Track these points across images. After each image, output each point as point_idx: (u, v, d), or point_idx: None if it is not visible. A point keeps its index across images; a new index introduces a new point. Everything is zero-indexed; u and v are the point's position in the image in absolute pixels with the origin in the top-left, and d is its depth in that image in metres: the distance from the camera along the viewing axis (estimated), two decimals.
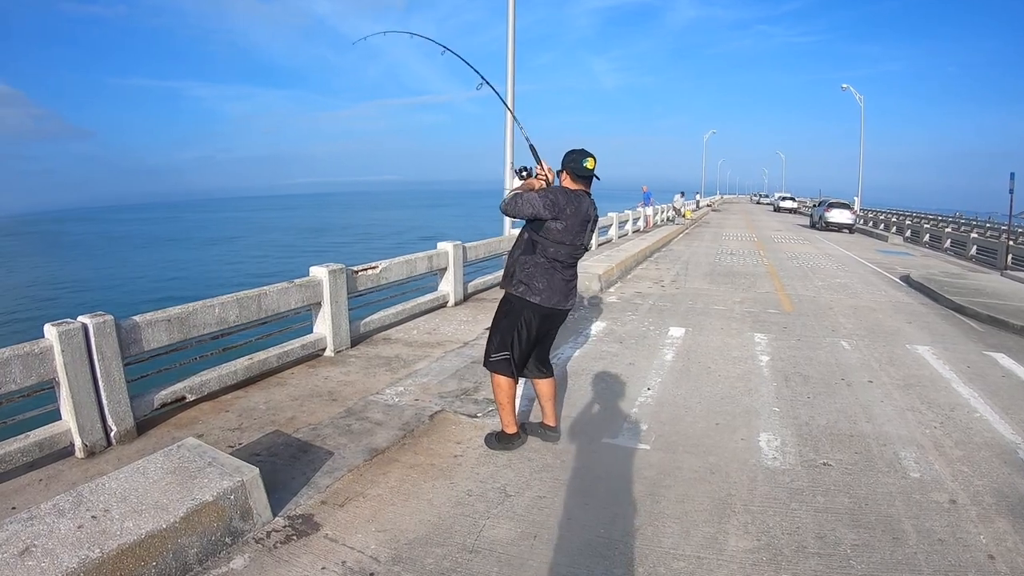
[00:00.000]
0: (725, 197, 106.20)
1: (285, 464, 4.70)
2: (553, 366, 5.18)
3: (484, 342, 7.86)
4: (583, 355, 7.66)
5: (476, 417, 5.64)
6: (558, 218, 4.50)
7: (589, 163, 4.65)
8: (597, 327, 9.17)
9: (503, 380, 4.82)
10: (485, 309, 10.38)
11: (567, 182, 4.74)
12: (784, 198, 67.17)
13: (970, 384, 6.80)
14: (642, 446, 5.06)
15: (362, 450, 4.93)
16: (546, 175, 4.87)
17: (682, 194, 41.14)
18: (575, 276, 4.89)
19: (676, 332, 8.93)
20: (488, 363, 4.89)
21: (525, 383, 5.69)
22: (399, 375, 6.73)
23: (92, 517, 3.32)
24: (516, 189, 4.68)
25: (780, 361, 7.52)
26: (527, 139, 5.26)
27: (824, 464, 4.78)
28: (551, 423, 5.18)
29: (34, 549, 3.04)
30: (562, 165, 4.73)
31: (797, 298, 12.10)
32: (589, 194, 4.79)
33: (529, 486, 4.37)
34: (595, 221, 4.79)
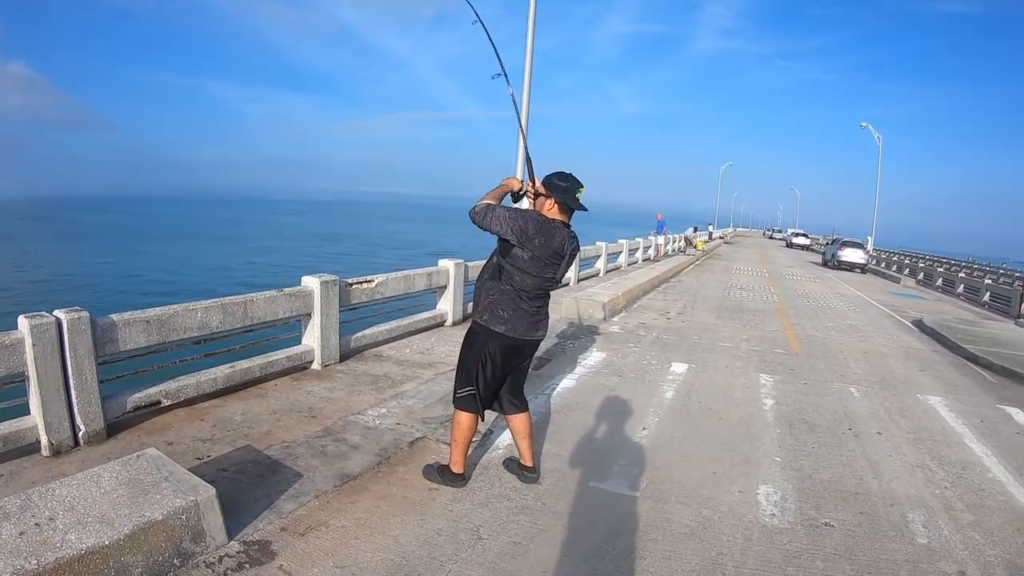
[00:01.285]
0: (738, 230, 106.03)
1: (251, 483, 4.49)
2: (547, 396, 4.93)
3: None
4: (579, 387, 7.42)
5: None
6: (523, 246, 4.21)
7: (580, 194, 4.36)
8: (596, 358, 8.92)
9: (464, 417, 4.54)
10: None
11: (551, 210, 4.38)
12: (797, 234, 67.04)
13: (983, 440, 6.51)
14: (632, 493, 4.78)
15: (333, 475, 4.71)
16: (533, 192, 4.49)
17: (695, 229, 41.01)
18: (545, 306, 4.59)
19: (678, 368, 8.67)
20: (455, 399, 4.60)
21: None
22: (384, 395, 6.51)
23: (36, 524, 3.15)
24: (489, 196, 4.40)
25: (785, 406, 7.24)
26: (526, 151, 4.93)
27: (826, 524, 4.48)
28: (528, 463, 4.90)
29: None
30: (546, 190, 4.36)
31: (806, 338, 11.83)
32: (568, 225, 4.46)
33: (505, 529, 4.11)
34: (572, 255, 4.47)
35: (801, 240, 63.77)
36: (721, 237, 60.71)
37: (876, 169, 45.16)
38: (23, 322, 4.61)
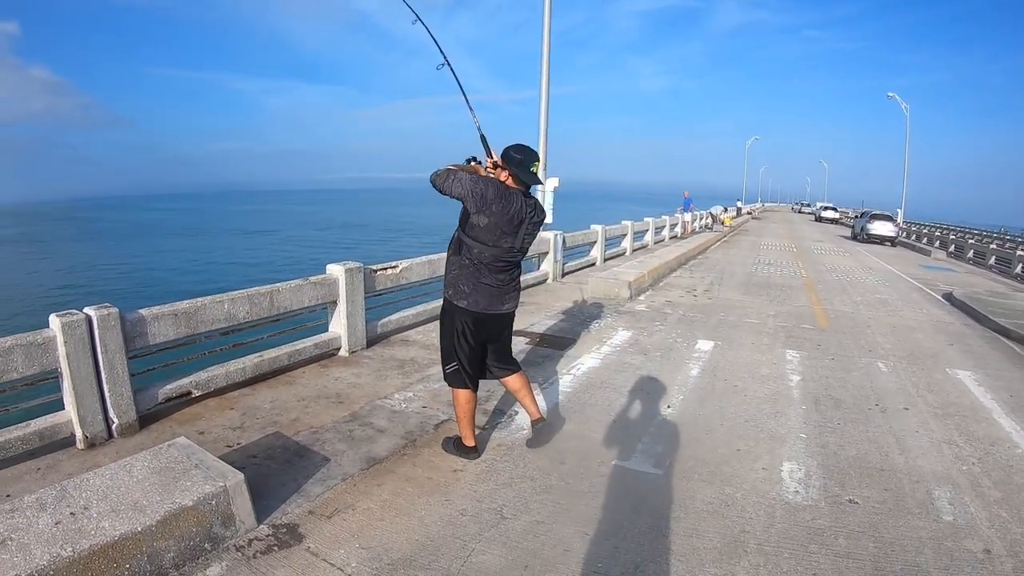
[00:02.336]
0: (766, 205, 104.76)
1: (279, 468, 4.59)
2: (572, 376, 4.94)
3: None
4: (604, 366, 7.44)
5: (483, 429, 5.44)
6: (482, 211, 4.24)
7: (535, 168, 4.40)
8: (622, 336, 8.94)
9: (459, 393, 4.68)
10: None
11: (507, 180, 4.42)
12: (826, 208, 66.09)
13: (1013, 416, 6.40)
14: (655, 471, 4.80)
15: (360, 458, 4.80)
16: (495, 172, 4.51)
17: (724, 209, 40.75)
18: (512, 280, 4.62)
19: (704, 345, 8.66)
20: (444, 376, 4.76)
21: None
22: (411, 379, 6.59)
23: (71, 514, 3.26)
24: (452, 165, 4.39)
25: (811, 382, 7.20)
26: (479, 129, 4.84)
27: (850, 501, 4.45)
28: (534, 415, 5.02)
29: (9, 543, 3.00)
30: (503, 161, 4.42)
31: (834, 313, 11.73)
32: (527, 194, 4.49)
33: (528, 509, 4.16)
34: (534, 223, 4.49)
35: (830, 214, 62.93)
36: (749, 213, 60.19)
37: (904, 140, 44.55)
38: (54, 320, 4.72)
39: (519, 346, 8.09)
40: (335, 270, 7.38)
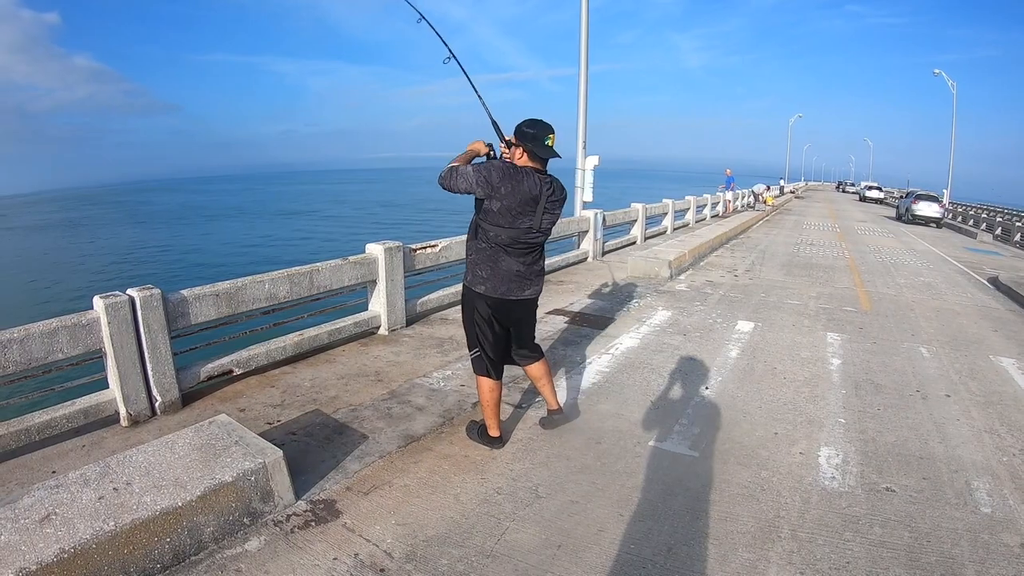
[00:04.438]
0: (809, 184, 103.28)
1: (318, 445, 4.66)
2: (610, 355, 4.90)
3: (543, 325, 7.75)
4: (643, 346, 7.41)
5: (520, 407, 5.48)
6: (492, 197, 4.12)
7: (550, 141, 4.23)
8: (662, 316, 8.90)
9: (483, 381, 4.60)
10: (548, 291, 10.19)
11: (521, 159, 4.28)
12: (870, 187, 64.73)
13: None
14: (691, 453, 4.77)
15: (398, 436, 4.85)
16: (508, 152, 4.39)
17: (767, 187, 40.28)
18: (535, 263, 4.46)
19: (744, 327, 8.59)
20: (471, 361, 4.68)
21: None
22: (449, 358, 6.63)
23: (114, 489, 3.34)
24: (455, 161, 4.29)
25: (852, 366, 7.09)
26: (490, 115, 4.67)
27: (887, 489, 4.37)
28: (552, 406, 5.02)
29: (54, 517, 3.09)
30: (516, 139, 4.27)
31: (877, 296, 11.54)
32: (543, 172, 4.31)
33: (563, 488, 4.17)
34: (553, 202, 4.32)
35: (874, 193, 61.64)
36: (792, 192, 59.44)
37: (951, 118, 43.60)
38: (98, 302, 4.81)
39: (558, 325, 8.13)
40: (375, 249, 7.43)
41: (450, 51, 5.11)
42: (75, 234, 53.14)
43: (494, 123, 4.65)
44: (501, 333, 4.55)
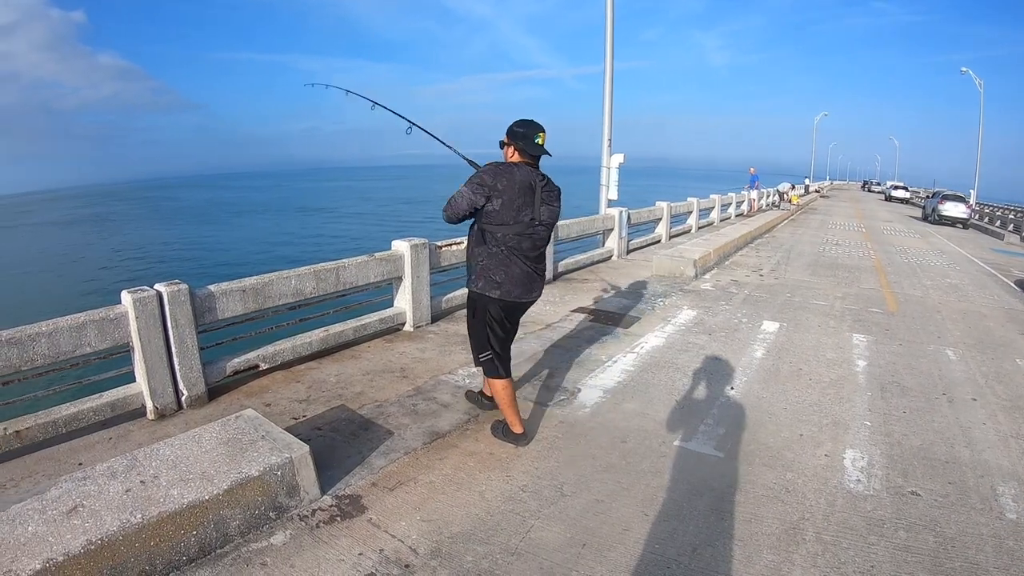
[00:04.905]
0: (834, 183, 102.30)
1: (344, 441, 4.67)
2: (635, 354, 4.86)
3: (569, 324, 7.72)
4: (668, 345, 7.37)
5: (547, 405, 5.46)
6: (492, 197, 4.23)
7: (540, 139, 4.37)
8: (686, 316, 8.85)
9: (496, 383, 4.66)
10: (573, 290, 10.25)
11: (512, 157, 4.45)
12: (896, 187, 63.98)
13: None
14: (716, 453, 4.74)
15: (423, 432, 4.85)
16: (503, 151, 4.58)
17: (792, 186, 39.99)
18: (539, 265, 4.56)
19: (770, 327, 8.53)
20: (477, 362, 4.74)
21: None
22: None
23: (141, 482, 3.36)
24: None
25: (878, 368, 7.01)
26: (463, 157, 4.96)
27: (912, 493, 4.31)
28: (490, 394, 5.12)
29: (81, 509, 3.11)
30: (508, 138, 4.44)
31: (903, 297, 11.42)
32: (535, 167, 4.45)
33: (588, 487, 4.15)
34: (547, 192, 4.43)
35: (900, 193, 60.96)
36: (817, 191, 59.00)
37: (978, 117, 43.02)
38: (126, 297, 4.85)
39: (582, 323, 8.14)
40: (400, 246, 7.43)
41: (410, 122, 5.51)
42: (101, 230, 53.66)
43: (468, 161, 4.86)
44: (510, 333, 4.70)
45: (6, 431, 4.36)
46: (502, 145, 4.51)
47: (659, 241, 17.23)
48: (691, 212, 20.65)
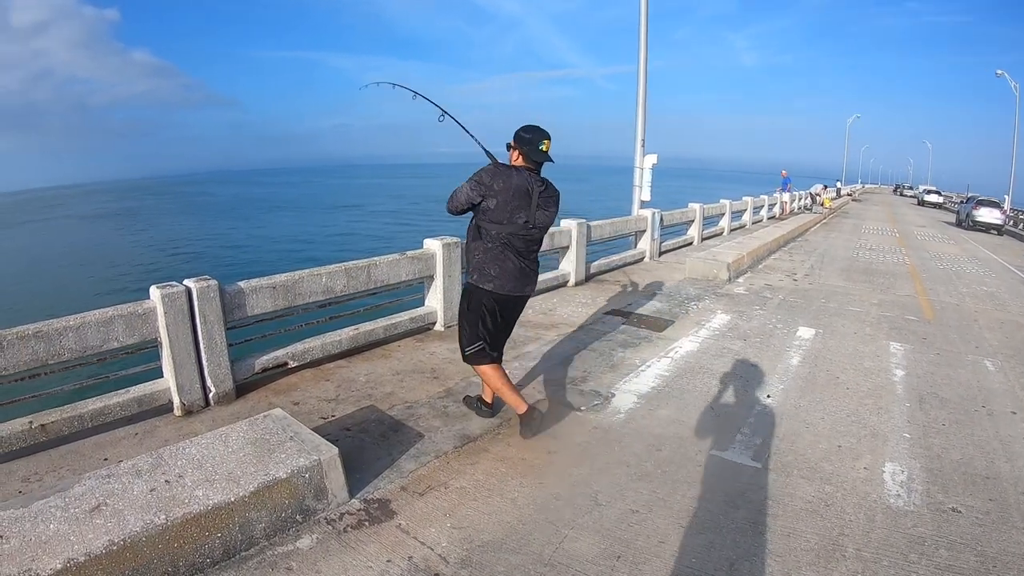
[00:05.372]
0: (866, 186, 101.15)
1: (373, 442, 4.59)
2: (670, 359, 4.76)
3: (601, 326, 7.65)
4: (702, 351, 7.23)
5: (580, 411, 5.34)
6: (488, 196, 4.35)
7: (545, 146, 4.42)
8: (720, 320, 8.70)
9: (487, 368, 4.69)
10: (605, 291, 10.13)
11: (517, 161, 4.52)
12: (929, 191, 63.12)
13: None
14: (753, 464, 4.60)
15: (454, 435, 4.76)
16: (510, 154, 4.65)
17: (824, 187, 39.58)
18: (532, 262, 4.67)
19: (805, 333, 8.34)
20: (465, 358, 4.74)
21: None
22: (507, 356, 6.47)
23: (166, 481, 3.30)
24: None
25: (916, 378, 6.80)
26: (483, 148, 4.83)
27: (953, 510, 4.13)
28: (489, 400, 5.12)
29: (104, 508, 3.06)
30: (515, 143, 4.51)
31: (939, 305, 11.13)
32: (536, 172, 4.51)
33: (623, 496, 4.03)
34: (547, 198, 4.50)
35: (933, 198, 60.14)
36: (849, 194, 58.37)
37: (1013, 121, 42.25)
38: (155, 292, 4.82)
39: (616, 326, 8.02)
40: (432, 245, 7.37)
41: (442, 110, 5.34)
42: (132, 224, 54.14)
43: (487, 152, 4.77)
44: (502, 326, 4.75)
45: (32, 424, 4.34)
46: (509, 148, 4.57)
47: (691, 243, 17.07)
48: (723, 214, 20.49)
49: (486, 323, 4.60)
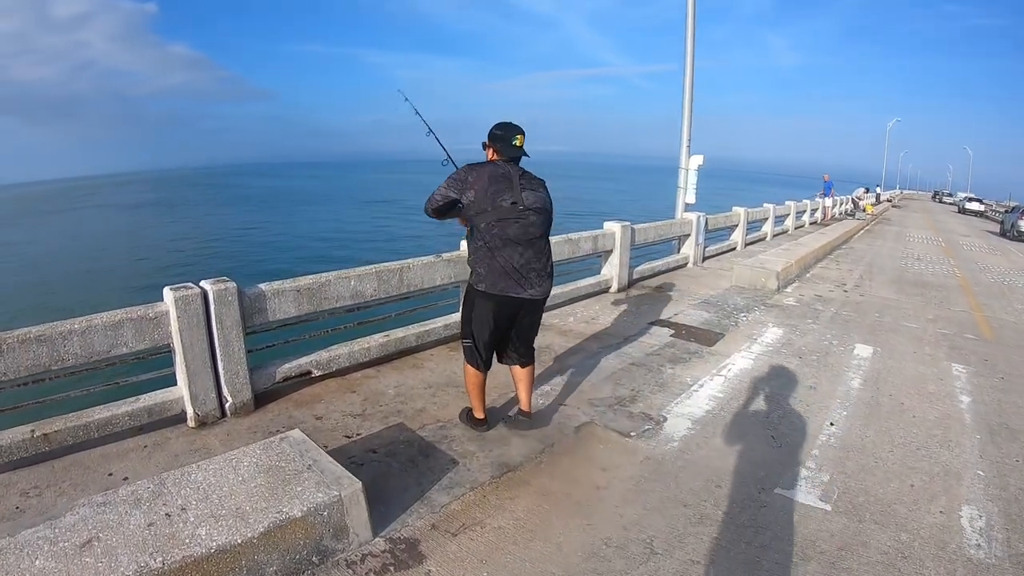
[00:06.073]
0: (904, 192, 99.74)
1: (401, 468, 4.18)
2: (723, 378, 4.32)
3: (648, 338, 7.23)
4: (756, 368, 6.75)
5: (629, 436, 4.88)
6: (465, 191, 4.27)
7: (518, 141, 4.39)
8: (773, 334, 8.21)
9: (468, 369, 4.64)
10: (649, 299, 9.70)
11: (492, 159, 4.47)
12: (970, 199, 62.04)
13: None
14: (822, 506, 4.11)
15: (491, 463, 4.32)
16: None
17: (866, 190, 38.85)
18: (535, 260, 4.38)
19: (863, 351, 7.82)
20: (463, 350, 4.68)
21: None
22: (546, 369, 6.11)
23: (166, 515, 2.94)
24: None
25: (983, 405, 6.26)
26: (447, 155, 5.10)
27: None
28: (525, 408, 4.91)
29: (96, 543, 2.75)
30: (488, 141, 4.47)
31: (996, 322, 10.48)
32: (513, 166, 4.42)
33: (682, 542, 3.56)
34: (527, 179, 4.40)
35: (974, 206, 59.04)
36: (888, 200, 57.46)
37: None
38: (168, 294, 4.51)
39: (663, 338, 7.56)
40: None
41: (428, 127, 5.69)
42: (165, 214, 54.37)
43: (449, 158, 5.16)
44: (497, 335, 4.57)
45: (34, 433, 4.07)
46: (484, 147, 4.54)
47: (734, 248, 16.59)
48: (766, 219, 20.00)
49: (477, 326, 4.47)
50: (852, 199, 35.93)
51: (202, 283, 4.68)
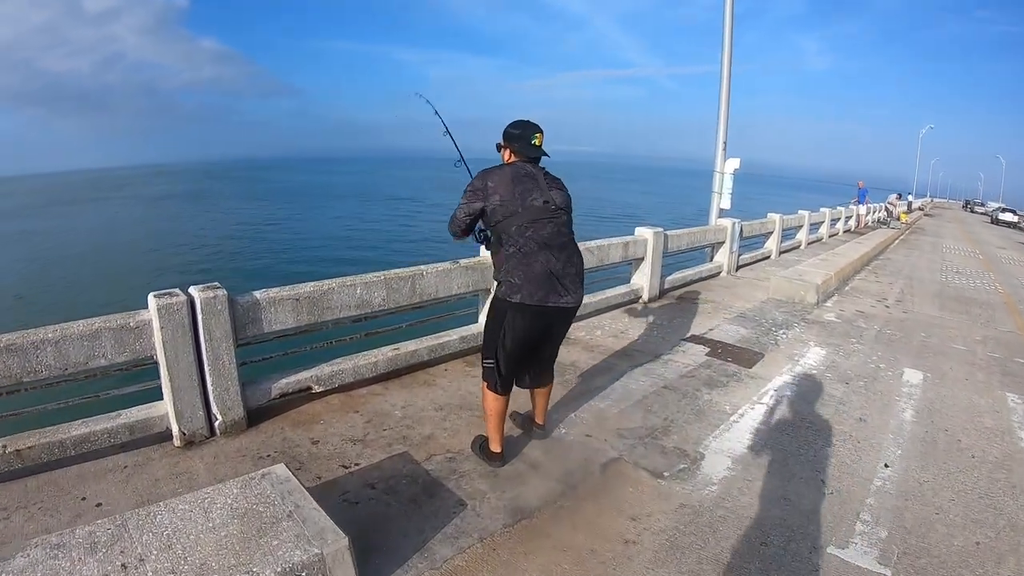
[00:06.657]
0: (935, 201, 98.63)
1: (400, 510, 3.69)
2: (764, 406, 3.82)
3: (682, 357, 6.75)
4: (800, 395, 6.21)
5: (662, 478, 4.35)
6: (490, 197, 3.99)
7: (537, 140, 4.16)
8: (815, 355, 7.66)
9: (488, 394, 4.24)
10: (682, 311, 9.20)
11: (510, 160, 4.23)
12: (1004, 210, 61.27)
13: None
14: (881, 571, 3.56)
15: (504, 507, 3.81)
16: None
17: (899, 196, 38.14)
18: (568, 262, 4.05)
19: (912, 377, 7.23)
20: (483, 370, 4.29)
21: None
22: (570, 392, 5.61)
23: (122, 565, 2.53)
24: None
25: None
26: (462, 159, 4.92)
27: None
28: (540, 420, 4.75)
29: None
30: (504, 140, 4.24)
31: None
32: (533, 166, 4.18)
33: None
34: (550, 177, 4.16)
35: (1008, 216, 58.21)
36: (920, 208, 56.63)
37: None
38: (151, 301, 4.11)
39: (698, 357, 7.06)
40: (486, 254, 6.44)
41: (445, 127, 5.43)
42: (187, 209, 54.37)
43: (461, 158, 5.01)
44: (526, 350, 4.22)
45: (5, 449, 3.83)
46: (499, 148, 4.33)
47: (768, 257, 16.12)
48: (801, 226, 19.55)
49: (505, 341, 4.09)
50: (885, 207, 35.27)
51: (190, 289, 4.30)
